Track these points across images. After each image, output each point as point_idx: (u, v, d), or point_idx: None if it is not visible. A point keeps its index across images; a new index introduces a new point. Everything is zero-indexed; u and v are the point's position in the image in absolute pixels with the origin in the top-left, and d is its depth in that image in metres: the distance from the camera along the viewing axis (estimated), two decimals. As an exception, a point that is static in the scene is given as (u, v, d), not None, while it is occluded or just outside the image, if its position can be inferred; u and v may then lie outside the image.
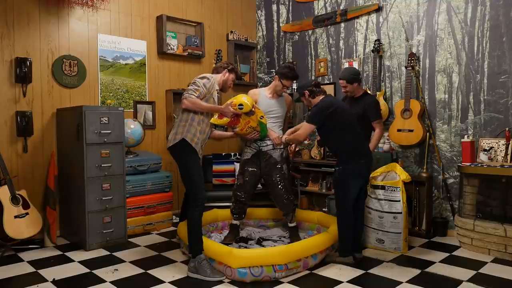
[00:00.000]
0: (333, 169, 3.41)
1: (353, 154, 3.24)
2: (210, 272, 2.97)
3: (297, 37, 5.52)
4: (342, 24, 4.99)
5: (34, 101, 4.05)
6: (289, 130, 3.70)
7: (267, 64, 5.90)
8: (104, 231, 3.78)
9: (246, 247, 3.61)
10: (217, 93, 3.31)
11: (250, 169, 3.69)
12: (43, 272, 3.16)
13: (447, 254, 3.51)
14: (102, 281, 2.98)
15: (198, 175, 3.10)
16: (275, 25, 5.80)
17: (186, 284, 2.93)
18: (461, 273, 3.06)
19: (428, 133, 4.15)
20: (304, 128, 3.31)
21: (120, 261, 3.41)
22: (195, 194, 3.07)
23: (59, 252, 3.66)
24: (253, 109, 3.32)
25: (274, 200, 3.74)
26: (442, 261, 3.34)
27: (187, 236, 3.13)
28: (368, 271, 3.15)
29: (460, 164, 3.77)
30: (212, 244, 3.14)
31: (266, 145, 3.66)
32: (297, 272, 3.09)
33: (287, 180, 3.70)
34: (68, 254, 3.61)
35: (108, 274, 3.12)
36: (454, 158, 4.07)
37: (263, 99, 3.70)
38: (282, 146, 3.66)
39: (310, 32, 5.35)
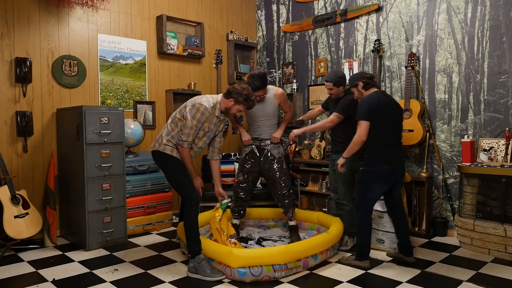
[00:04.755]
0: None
1: (380, 157, 3.15)
2: (210, 271, 2.97)
3: (297, 37, 5.52)
4: (342, 24, 4.99)
5: (34, 101, 4.05)
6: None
7: (267, 64, 5.90)
8: (104, 231, 3.78)
9: (246, 247, 3.61)
10: (219, 118, 3.22)
11: (250, 166, 3.72)
12: (43, 272, 3.16)
13: (447, 254, 3.51)
14: (102, 281, 2.98)
15: (183, 175, 3.13)
16: (275, 25, 5.80)
17: (186, 284, 2.93)
18: (461, 273, 3.06)
19: (428, 133, 4.15)
20: (360, 127, 3.15)
21: (120, 261, 3.41)
22: (187, 194, 3.10)
23: (59, 252, 3.66)
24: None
25: (274, 195, 3.76)
26: (442, 261, 3.34)
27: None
28: (368, 271, 3.14)
29: (460, 164, 3.77)
30: (212, 244, 3.14)
31: (265, 143, 3.69)
32: (297, 272, 3.09)
33: (286, 176, 3.72)
34: (68, 254, 3.61)
35: (108, 274, 3.12)
36: (454, 158, 4.07)
37: None
38: (279, 142, 3.75)
39: (310, 32, 5.35)
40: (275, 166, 3.67)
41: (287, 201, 3.69)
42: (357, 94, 3.35)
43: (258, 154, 3.71)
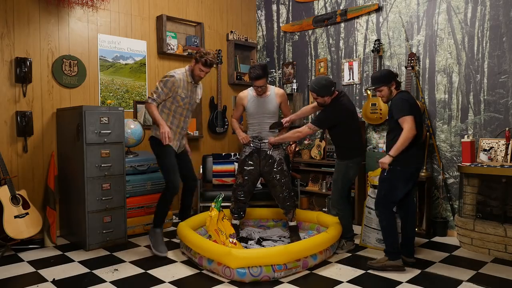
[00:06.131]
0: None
1: (410, 157, 3.10)
2: (157, 245, 3.48)
3: (297, 37, 5.52)
4: (342, 24, 4.98)
5: (34, 101, 4.05)
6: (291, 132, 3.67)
7: (267, 64, 5.90)
8: (104, 231, 3.78)
9: (246, 247, 3.61)
10: (193, 83, 3.57)
11: (249, 167, 3.71)
12: (43, 272, 3.16)
13: (447, 254, 3.51)
14: (102, 281, 2.98)
15: (168, 162, 3.50)
16: (275, 25, 5.80)
17: (186, 284, 2.94)
18: (461, 273, 3.06)
19: (428, 133, 4.15)
20: (408, 122, 3.00)
21: (120, 261, 3.41)
22: (167, 178, 3.53)
23: (59, 252, 3.66)
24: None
25: (275, 198, 3.75)
26: (442, 261, 3.34)
27: (158, 212, 3.62)
28: (368, 271, 3.14)
29: (460, 164, 3.77)
30: (211, 245, 3.14)
31: (265, 143, 3.69)
32: (297, 272, 3.09)
33: (287, 178, 3.71)
34: (68, 254, 3.61)
35: (108, 274, 3.12)
36: (454, 158, 4.06)
37: (251, 100, 3.74)
38: (277, 145, 3.73)
39: (310, 32, 5.35)
40: (275, 169, 3.66)
41: (288, 203, 3.69)
42: (386, 92, 3.19)
43: (257, 156, 3.71)
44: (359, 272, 3.12)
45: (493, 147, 3.70)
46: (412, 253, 3.29)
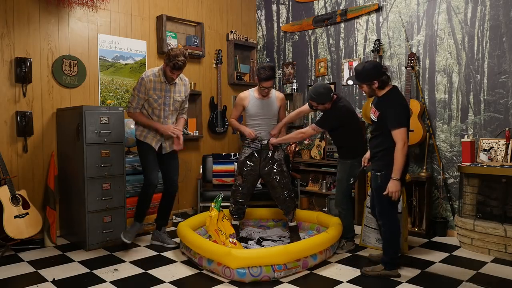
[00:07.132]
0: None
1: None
2: (127, 232, 3.62)
3: (297, 37, 5.52)
4: (342, 24, 4.98)
5: (34, 101, 4.05)
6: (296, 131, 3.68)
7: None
8: (104, 231, 3.78)
9: (246, 247, 3.61)
10: (167, 83, 3.53)
11: (249, 169, 3.70)
12: (43, 272, 3.16)
13: (447, 254, 3.51)
14: (102, 281, 2.98)
15: (145, 162, 3.64)
16: (275, 25, 5.80)
17: (186, 284, 2.94)
18: (461, 273, 3.06)
19: (428, 133, 4.15)
20: (402, 137, 2.80)
21: (120, 261, 3.41)
22: (146, 176, 3.65)
23: (59, 252, 3.66)
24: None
25: (275, 199, 3.74)
26: (442, 261, 3.34)
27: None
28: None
29: (460, 164, 3.77)
30: (211, 245, 3.13)
31: (265, 144, 3.68)
32: (297, 272, 3.09)
33: (287, 179, 3.71)
34: (68, 254, 3.61)
35: (108, 274, 3.12)
36: (454, 158, 4.06)
37: (252, 101, 3.73)
38: (274, 146, 3.70)
39: (310, 32, 5.35)
40: (275, 170, 3.65)
41: (288, 204, 3.68)
42: (366, 90, 2.99)
43: (257, 157, 3.70)
44: (359, 272, 3.12)
45: (493, 147, 3.70)
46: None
